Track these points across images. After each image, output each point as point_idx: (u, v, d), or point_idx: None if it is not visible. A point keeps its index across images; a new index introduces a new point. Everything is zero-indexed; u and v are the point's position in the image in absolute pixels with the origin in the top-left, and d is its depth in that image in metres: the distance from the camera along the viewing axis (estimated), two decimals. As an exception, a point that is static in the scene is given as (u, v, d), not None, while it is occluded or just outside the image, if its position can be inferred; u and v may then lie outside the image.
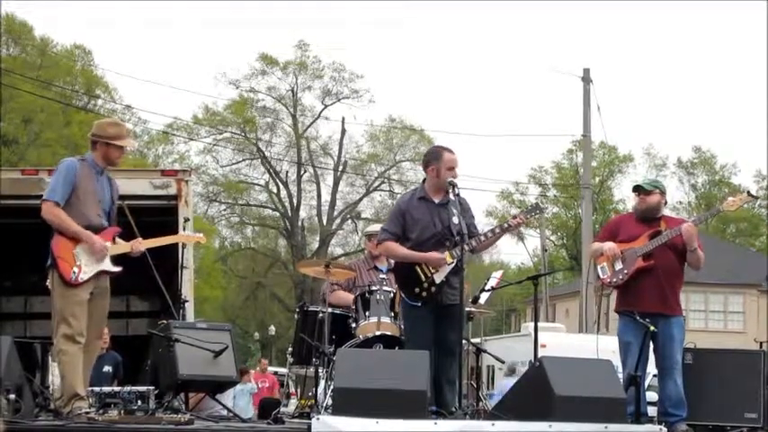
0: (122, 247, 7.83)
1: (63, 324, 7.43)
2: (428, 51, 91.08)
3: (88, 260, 7.50)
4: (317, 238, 52.92)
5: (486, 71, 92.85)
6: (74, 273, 7.43)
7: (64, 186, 7.52)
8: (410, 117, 68.43)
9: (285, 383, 16.90)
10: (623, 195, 56.42)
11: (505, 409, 7.57)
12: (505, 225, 8.43)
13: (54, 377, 9.08)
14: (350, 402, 6.89)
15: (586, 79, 30.78)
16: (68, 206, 7.51)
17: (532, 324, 10.49)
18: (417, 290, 8.00)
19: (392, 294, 8.68)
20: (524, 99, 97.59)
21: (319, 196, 52.83)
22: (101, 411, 7.20)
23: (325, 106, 52.35)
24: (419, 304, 8.01)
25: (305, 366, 9.21)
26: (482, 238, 8.13)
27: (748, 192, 9.25)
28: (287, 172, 52.72)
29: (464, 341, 9.00)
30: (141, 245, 7.90)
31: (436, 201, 8.16)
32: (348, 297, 9.16)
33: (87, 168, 7.67)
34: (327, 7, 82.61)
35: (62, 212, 7.47)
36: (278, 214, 53.27)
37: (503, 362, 14.16)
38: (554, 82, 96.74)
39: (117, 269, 7.72)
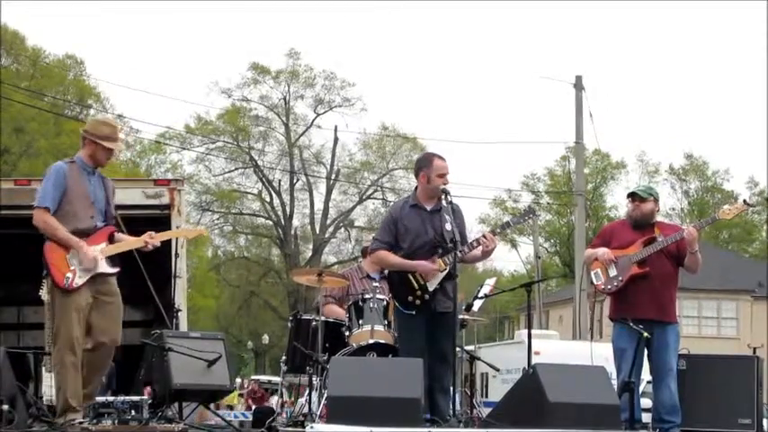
0: (130, 243, 7.71)
1: (59, 333, 7.36)
2: (420, 59, 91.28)
3: (82, 264, 7.40)
4: (311, 247, 52.95)
5: (478, 78, 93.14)
6: (67, 278, 7.33)
7: (54, 191, 7.41)
8: (403, 125, 68.64)
9: (279, 392, 16.88)
10: (616, 202, 56.52)
11: (499, 417, 7.57)
12: (497, 230, 8.49)
13: (48, 387, 9.05)
14: (343, 410, 6.88)
15: (579, 86, 30.83)
16: (60, 211, 7.40)
17: (526, 331, 10.49)
18: (410, 298, 7.98)
19: (385, 302, 8.67)
20: (517, 106, 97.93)
21: (312, 205, 52.95)
22: (95, 421, 7.17)
23: (318, 115, 52.49)
24: (413, 312, 8.00)
25: (299, 375, 9.20)
26: (474, 243, 8.12)
27: (745, 200, 9.27)
28: (280, 181, 52.79)
29: (458, 349, 9.02)
30: (155, 239, 7.75)
31: (428, 208, 8.15)
32: (340, 312, 9.16)
33: (77, 170, 7.54)
34: (319, 11, 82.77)
35: (51, 219, 7.36)
36: (271, 223, 53.26)
37: (497, 369, 14.15)
38: (546, 89, 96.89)
39: (114, 270, 7.59)
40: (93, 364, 7.53)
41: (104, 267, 7.52)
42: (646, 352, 8.28)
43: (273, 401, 17.62)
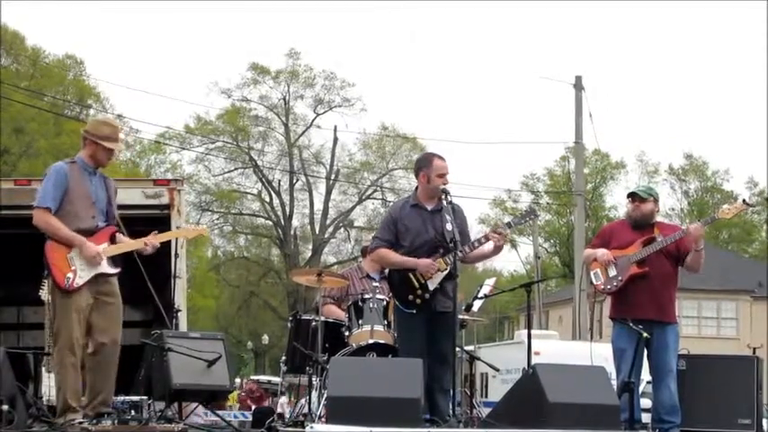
0: (131, 244, 7.68)
1: (59, 334, 7.34)
2: (420, 59, 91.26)
3: (83, 264, 7.36)
4: (310, 247, 52.92)
5: (478, 78, 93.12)
6: (68, 279, 7.31)
7: (54, 191, 7.39)
8: (402, 125, 68.56)
9: (281, 392, 16.90)
10: (616, 202, 56.54)
11: (499, 417, 7.57)
12: (498, 230, 8.45)
13: (48, 387, 9.05)
14: (343, 411, 6.88)
15: (578, 87, 30.83)
16: (61, 210, 7.38)
17: (526, 331, 10.49)
18: (411, 297, 7.98)
19: (385, 302, 8.66)
20: (517, 106, 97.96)
21: (312, 205, 52.92)
22: (94, 422, 7.17)
23: (317, 115, 52.46)
24: (413, 311, 8.00)
25: (298, 375, 9.20)
26: (475, 243, 8.12)
27: (744, 200, 9.26)
28: (279, 181, 52.77)
29: (458, 349, 9.02)
30: (156, 239, 7.71)
31: (429, 208, 8.15)
32: (339, 313, 9.17)
33: (78, 170, 7.52)
34: (319, 10, 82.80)
35: (53, 218, 7.34)
36: (270, 223, 53.25)
37: (497, 369, 14.16)
38: (546, 89, 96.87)
39: (116, 270, 7.57)
40: (99, 367, 7.46)
41: (106, 267, 7.50)
42: (645, 352, 8.29)
43: (281, 401, 17.61)
